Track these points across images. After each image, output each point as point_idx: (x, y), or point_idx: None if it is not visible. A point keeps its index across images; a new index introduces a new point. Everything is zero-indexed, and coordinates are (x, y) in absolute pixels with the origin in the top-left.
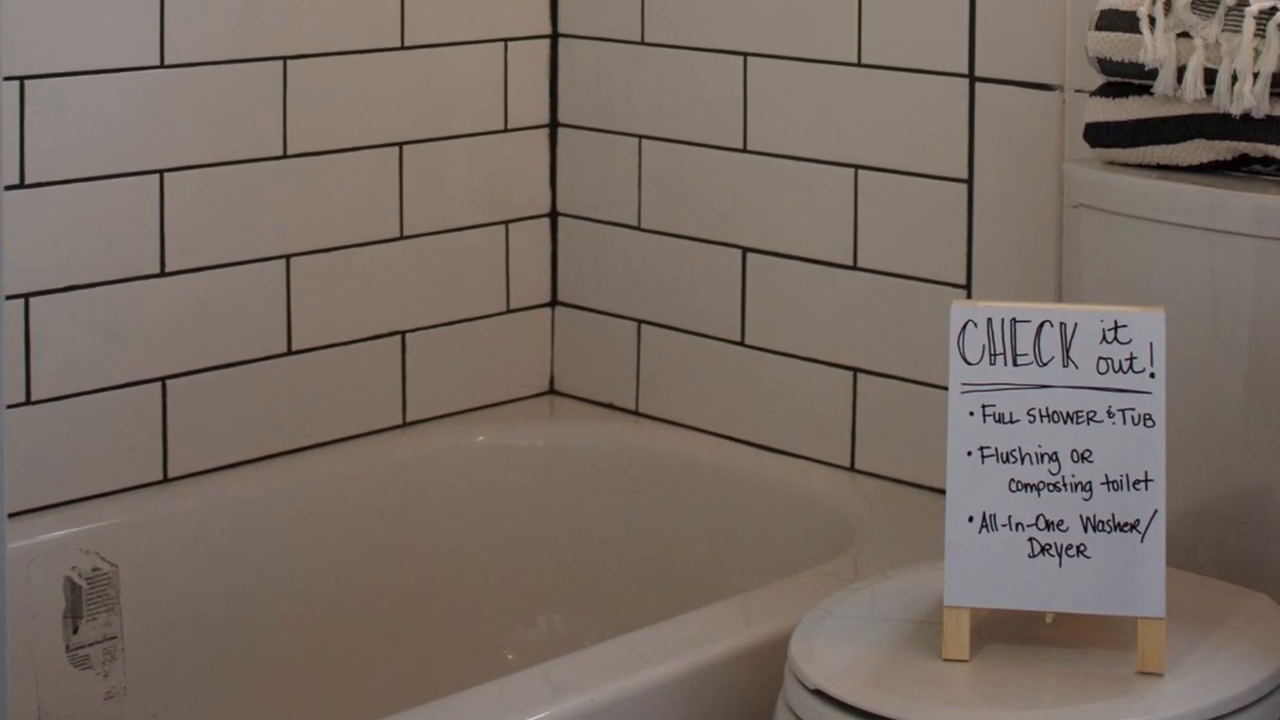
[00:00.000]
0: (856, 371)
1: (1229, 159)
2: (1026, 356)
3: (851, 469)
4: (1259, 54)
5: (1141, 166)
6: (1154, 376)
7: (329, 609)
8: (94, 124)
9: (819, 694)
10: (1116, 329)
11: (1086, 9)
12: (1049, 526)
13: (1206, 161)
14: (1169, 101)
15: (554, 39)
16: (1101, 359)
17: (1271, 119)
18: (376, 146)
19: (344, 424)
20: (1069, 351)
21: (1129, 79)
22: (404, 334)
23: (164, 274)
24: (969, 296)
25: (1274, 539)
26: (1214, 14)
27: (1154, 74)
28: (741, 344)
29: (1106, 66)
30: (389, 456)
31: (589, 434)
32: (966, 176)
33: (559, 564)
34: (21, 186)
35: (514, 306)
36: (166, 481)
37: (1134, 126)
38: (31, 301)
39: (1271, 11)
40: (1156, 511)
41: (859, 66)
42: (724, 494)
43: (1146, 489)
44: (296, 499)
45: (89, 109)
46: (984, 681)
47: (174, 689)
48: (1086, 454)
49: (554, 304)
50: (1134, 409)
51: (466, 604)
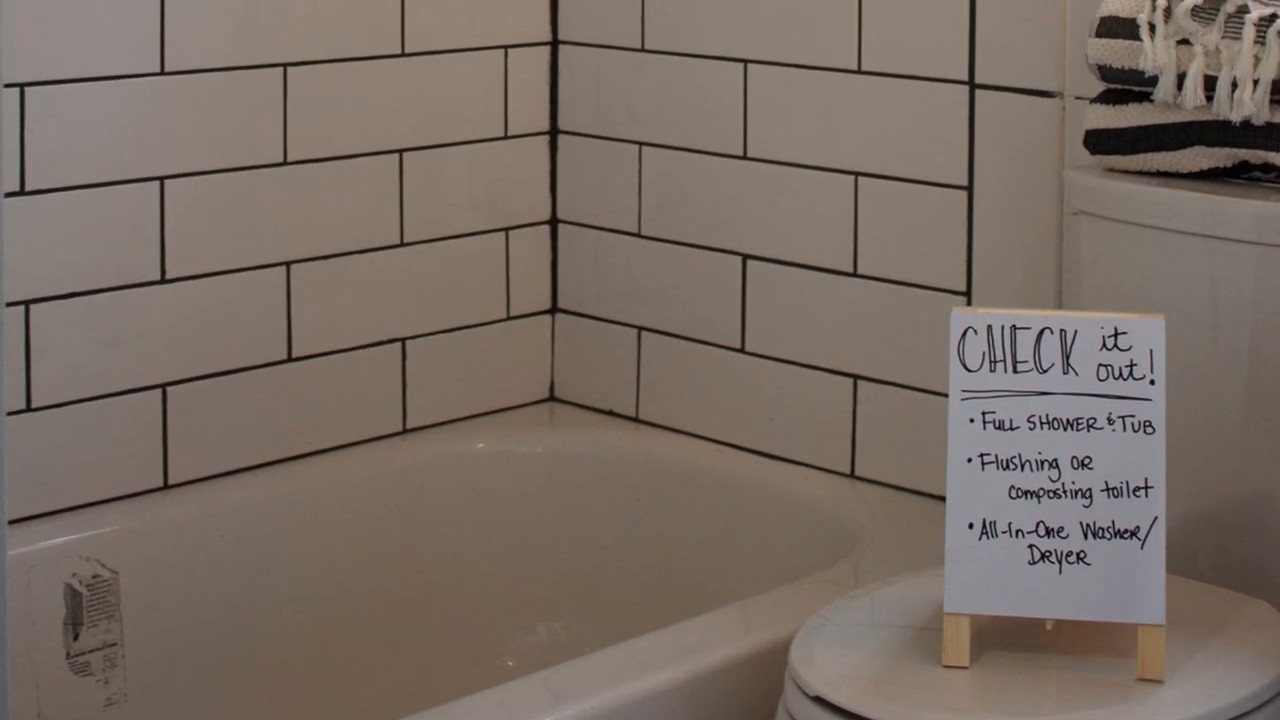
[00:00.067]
0: (857, 378)
1: (1229, 166)
2: (1026, 363)
3: (852, 476)
4: (1259, 61)
5: (1141, 173)
6: (1154, 383)
7: (329, 616)
8: (94, 131)
9: (819, 701)
10: (1116, 336)
11: (1086, 16)
12: (1049, 533)
13: (1206, 168)
14: (1169, 108)
15: (554, 46)
16: (1101, 366)
17: (1271, 126)
18: (377, 153)
19: (344, 431)
20: (1069, 358)
21: (1129, 86)
22: (404, 341)
23: (164, 281)
24: (969, 303)
25: (1274, 546)
26: (1214, 21)
27: (1154, 81)
28: (742, 351)
29: (1106, 73)
30: (389, 463)
31: (589, 441)
32: (967, 183)
33: (559, 571)
34: (22, 193)
35: (514, 313)
36: (167, 488)
37: (1134, 133)
38: (32, 308)
39: (1271, 19)
40: (1156, 518)
41: (859, 73)
42: (724, 501)
43: (1146, 496)
44: (297, 506)
45: (89, 116)
46: (984, 688)
47: (174, 696)
48: (1086, 461)
49: (554, 311)
50: (1134, 416)
51: (467, 611)
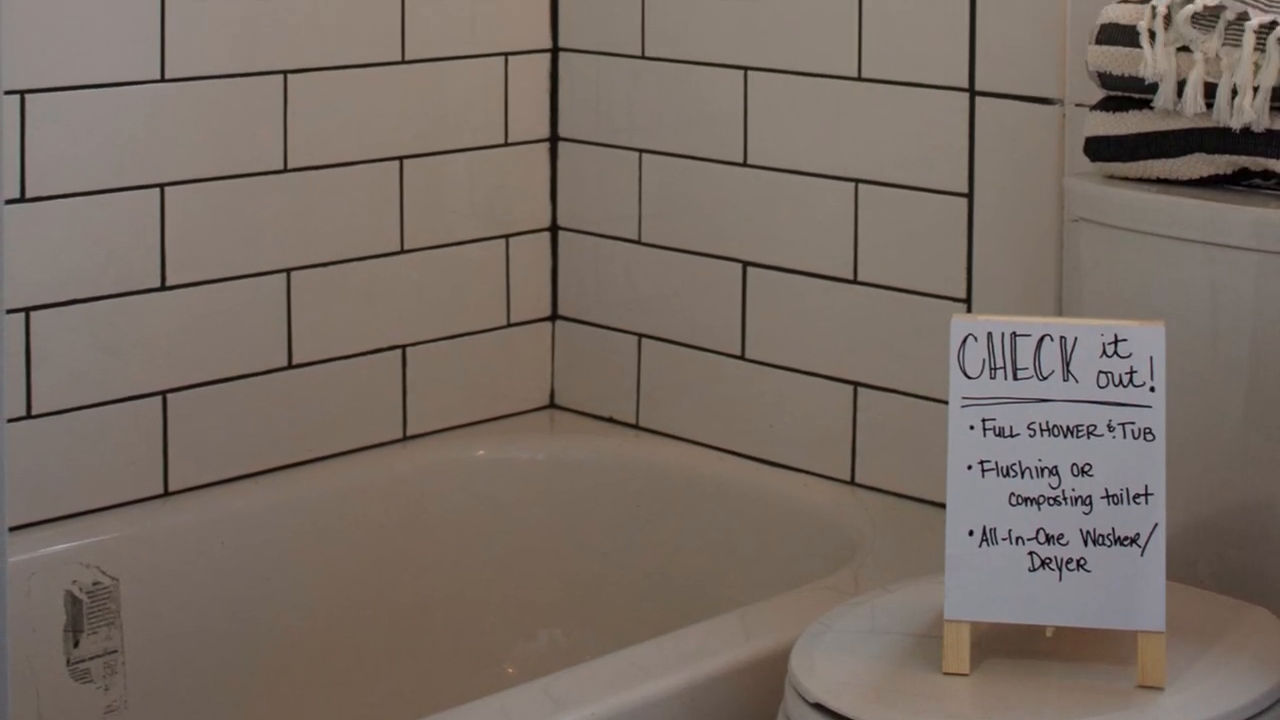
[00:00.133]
0: (857, 385)
1: (1229, 173)
2: (1026, 370)
3: (852, 483)
4: (1259, 68)
5: (1142, 180)
6: (1154, 390)
7: (330, 623)
8: (95, 138)
9: (819, 708)
10: (1116, 343)
11: (1087, 23)
12: (1049, 540)
13: (1206, 175)
14: (1169, 116)
15: (554, 53)
16: (1102, 373)
17: (1271, 133)
18: (377, 161)
19: (344, 438)
20: (1069, 365)
21: (1129, 93)
22: (404, 348)
23: (164, 288)
24: (969, 310)
25: (1274, 553)
26: (1214, 28)
27: (1154, 88)
28: (742, 358)
29: (1107, 81)
30: (389, 470)
31: (589, 448)
32: (967, 190)
33: (559, 578)
34: (22, 200)
35: (514, 320)
36: (167, 495)
37: (1134, 140)
38: (32, 315)
39: (1271, 26)
40: (1156, 525)
41: (859, 81)
42: (724, 508)
43: (1146, 503)
44: (297, 513)
45: (90, 123)
46: (984, 695)
47: (175, 703)
48: (1086, 468)
49: (554, 318)
50: (1134, 423)
51: (467, 618)
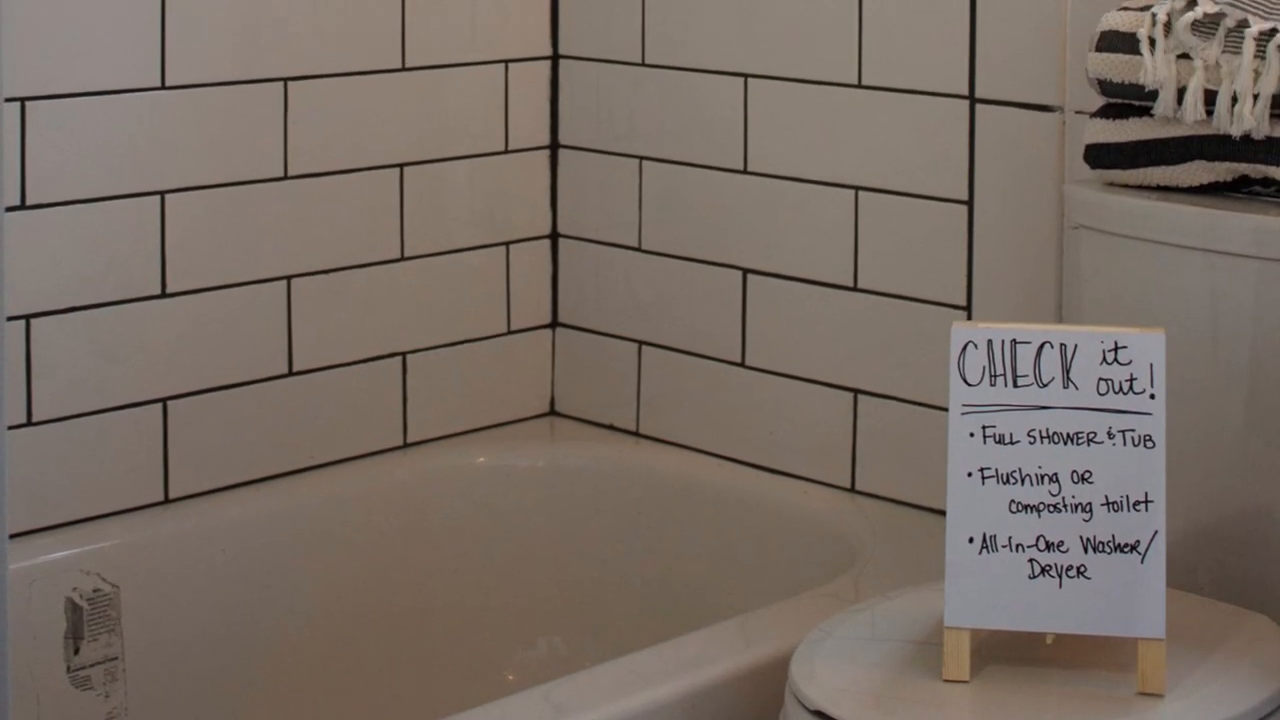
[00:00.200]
0: (857, 393)
1: (1229, 180)
2: (1027, 377)
3: (852, 490)
4: (1259, 75)
5: (1141, 188)
6: (1154, 397)
7: (330, 630)
8: (95, 145)
9: (819, 715)
10: (1117, 350)
11: (1087, 30)
12: (1049, 547)
13: (1206, 183)
14: (1169, 123)
15: (555, 60)
16: (1102, 380)
17: (1271, 140)
18: (377, 168)
19: (344, 445)
20: (1069, 372)
21: (1129, 100)
22: (405, 355)
23: (165, 295)
24: (969, 318)
25: (1274, 560)
26: (1214, 35)
27: (1154, 95)
28: (742, 365)
29: (1106, 88)
30: (390, 477)
31: (589, 455)
32: (967, 198)
33: (559, 585)
34: (23, 208)
35: (514, 327)
36: (167, 502)
37: (1134, 148)
38: (32, 323)
39: (1271, 33)
40: (1157, 532)
41: (859, 88)
42: (724, 515)
43: (1147, 510)
44: (297, 520)
45: (90, 130)
46: (984, 703)
47: (175, 710)
48: (1087, 475)
49: (554, 325)
50: (1134, 430)
51: (467, 625)
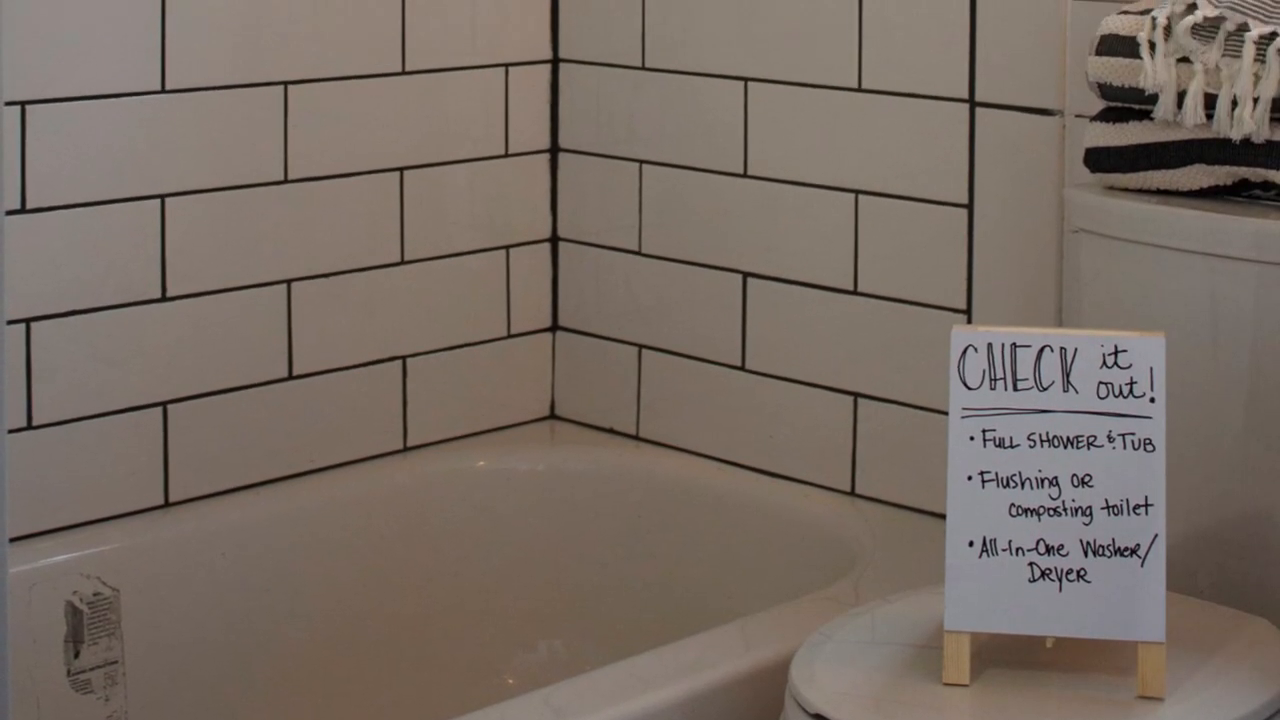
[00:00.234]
0: (857, 396)
1: (1229, 184)
2: (1027, 381)
3: (852, 494)
4: (1259, 79)
5: (1142, 191)
6: (1154, 401)
7: (330, 634)
8: (95, 149)
9: (819, 718)
10: (1117, 354)
11: (1087, 34)
12: (1049, 551)
13: (1206, 186)
14: (1169, 126)
15: (555, 64)
16: (1102, 384)
17: (1272, 144)
18: (377, 171)
19: (345, 449)
20: (1069, 376)
21: (1129, 104)
22: (405, 359)
23: (165, 299)
24: (969, 321)
25: (1274, 564)
26: (1214, 39)
27: (1154, 99)
28: (742, 369)
29: (1107, 91)
30: (390, 481)
31: (590, 459)
32: (967, 201)
33: (559, 589)
34: (23, 211)
35: (515, 331)
36: (167, 506)
37: (1134, 151)
38: (33, 326)
39: (1271, 37)
40: (1157, 536)
41: (860, 91)
42: (725, 519)
43: (1147, 513)
44: (297, 524)
45: (90, 134)
46: (984, 706)
47: (175, 713)
48: (1087, 479)
49: (555, 329)
50: (1134, 434)
51: (467, 629)
